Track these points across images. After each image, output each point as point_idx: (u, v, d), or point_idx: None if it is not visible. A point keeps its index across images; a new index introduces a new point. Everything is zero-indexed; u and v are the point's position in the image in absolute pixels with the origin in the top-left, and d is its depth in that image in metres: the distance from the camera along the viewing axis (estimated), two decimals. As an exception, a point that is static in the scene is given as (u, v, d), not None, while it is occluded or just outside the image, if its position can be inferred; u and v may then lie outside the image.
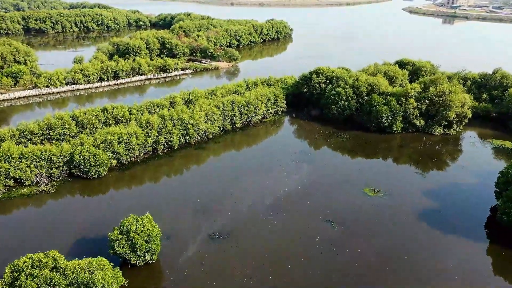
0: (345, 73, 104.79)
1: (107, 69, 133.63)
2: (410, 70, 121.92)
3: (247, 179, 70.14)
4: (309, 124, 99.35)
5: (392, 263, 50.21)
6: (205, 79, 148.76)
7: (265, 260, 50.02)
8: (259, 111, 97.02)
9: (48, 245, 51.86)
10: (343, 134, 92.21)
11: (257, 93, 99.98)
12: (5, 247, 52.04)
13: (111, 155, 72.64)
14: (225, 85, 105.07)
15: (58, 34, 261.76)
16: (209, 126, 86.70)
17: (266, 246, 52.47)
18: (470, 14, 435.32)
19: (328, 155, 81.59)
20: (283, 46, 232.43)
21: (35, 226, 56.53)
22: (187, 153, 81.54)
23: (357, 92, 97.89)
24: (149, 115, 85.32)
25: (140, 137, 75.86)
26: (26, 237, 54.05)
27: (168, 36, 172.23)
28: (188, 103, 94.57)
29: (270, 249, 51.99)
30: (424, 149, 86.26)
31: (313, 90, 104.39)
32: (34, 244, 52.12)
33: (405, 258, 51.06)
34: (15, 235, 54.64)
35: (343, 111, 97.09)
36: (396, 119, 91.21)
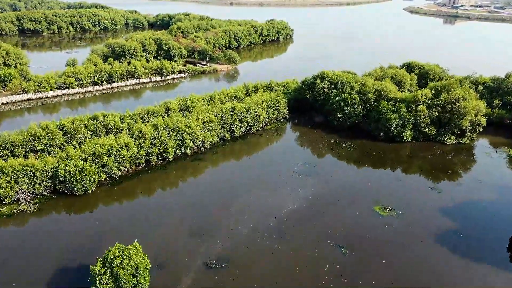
0: (351, 78, 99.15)
1: (101, 73, 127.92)
2: (418, 73, 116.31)
3: (247, 195, 64.46)
4: (313, 131, 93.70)
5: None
6: (204, 82, 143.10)
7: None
8: (260, 118, 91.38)
9: (26, 275, 46.25)
10: (350, 143, 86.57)
11: (258, 99, 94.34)
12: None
13: (100, 169, 66.94)
14: (223, 90, 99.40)
15: (54, 35, 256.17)
16: (206, 135, 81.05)
17: (269, 278, 46.80)
18: (472, 14, 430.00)
19: (334, 167, 75.91)
20: (283, 47, 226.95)
21: (13, 252, 50.83)
22: (183, 165, 75.87)
23: (364, 98, 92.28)
24: (142, 124, 79.71)
25: (131, 149, 70.18)
26: (2, 265, 48.36)
27: (165, 38, 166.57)
28: (185, 110, 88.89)
29: (273, 281, 46.32)
30: (436, 160, 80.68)
31: (317, 95, 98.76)
32: (11, 275, 46.48)
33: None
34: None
35: (349, 118, 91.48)
36: (406, 128, 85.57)
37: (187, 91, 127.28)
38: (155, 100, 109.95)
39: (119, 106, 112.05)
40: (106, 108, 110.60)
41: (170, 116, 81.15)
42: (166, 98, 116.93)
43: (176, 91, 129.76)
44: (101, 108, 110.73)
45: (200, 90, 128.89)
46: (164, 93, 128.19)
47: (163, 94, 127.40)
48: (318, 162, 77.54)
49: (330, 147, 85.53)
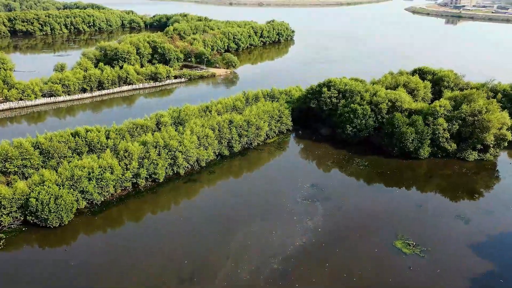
0: (361, 86, 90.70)
1: (90, 79, 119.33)
2: (431, 80, 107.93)
3: (248, 227, 56.02)
4: (319, 146, 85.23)
5: None
6: (201, 88, 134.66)
7: None
8: (261, 132, 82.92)
9: None
10: (361, 160, 78.11)
11: (259, 110, 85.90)
12: None
13: (79, 195, 58.47)
14: (221, 100, 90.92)
15: (47, 36, 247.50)
16: (202, 152, 72.56)
17: None
18: (475, 15, 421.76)
19: (345, 190, 67.41)
20: (284, 49, 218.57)
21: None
22: (175, 187, 67.41)
23: (376, 110, 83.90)
24: (130, 140, 71.31)
25: (116, 171, 61.70)
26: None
27: (160, 40, 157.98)
28: (178, 123, 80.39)
29: None
30: (458, 179, 72.35)
31: (323, 105, 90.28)
32: None
33: None
34: None
35: (359, 131, 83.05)
36: (423, 143, 77.13)
37: (182, 98, 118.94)
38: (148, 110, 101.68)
39: (109, 115, 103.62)
40: (95, 117, 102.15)
41: (162, 131, 72.53)
42: (160, 106, 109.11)
43: (171, 98, 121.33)
44: (89, 117, 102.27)
45: (196, 97, 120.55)
46: (158, 100, 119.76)
47: (157, 101, 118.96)
48: (327, 184, 69.03)
49: (339, 164, 77.09)
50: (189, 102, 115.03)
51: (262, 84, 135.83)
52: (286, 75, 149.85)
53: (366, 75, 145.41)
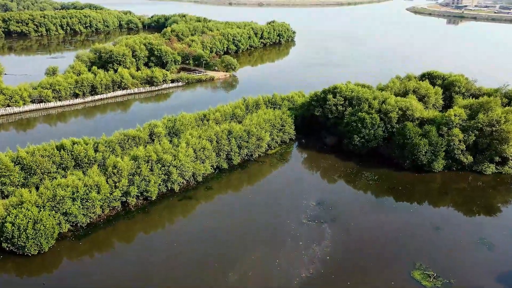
0: (368, 93, 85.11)
1: (83, 83, 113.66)
2: (441, 85, 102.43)
3: (248, 255, 50.40)
4: (325, 157, 79.60)
5: None
6: (198, 92, 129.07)
7: None
8: (263, 142, 77.30)
9: None
10: (370, 174, 72.47)
11: (260, 118, 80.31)
12: None
13: (61, 218, 52.87)
14: (219, 108, 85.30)
15: (42, 37, 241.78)
16: (198, 166, 66.95)
17: None
18: (478, 15, 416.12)
19: (355, 209, 61.78)
20: (285, 50, 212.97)
21: None
22: (169, 206, 61.81)
23: (385, 119, 78.32)
24: (121, 153, 65.77)
25: (103, 190, 56.10)
26: None
27: (157, 42, 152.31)
28: (173, 133, 74.80)
29: None
30: (475, 195, 66.83)
31: (328, 113, 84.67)
32: None
33: None
34: None
35: (368, 142, 77.45)
36: (437, 155, 71.52)
37: (179, 104, 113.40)
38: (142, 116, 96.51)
39: (101, 122, 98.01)
40: (86, 125, 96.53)
41: (155, 143, 66.79)
42: (155, 112, 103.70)
43: (167, 103, 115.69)
44: (80, 125, 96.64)
45: (194, 102, 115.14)
46: (154, 105, 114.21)
47: (153, 107, 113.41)
48: (335, 201, 63.40)
49: (347, 178, 71.48)
50: (186, 107, 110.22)
51: (263, 88, 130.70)
52: (287, 78, 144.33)
53: (370, 78, 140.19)
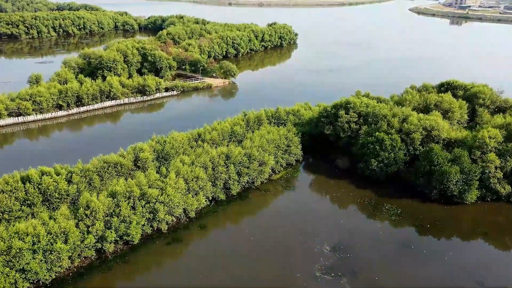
0: (386, 109, 74.78)
1: (67, 93, 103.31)
2: (462, 96, 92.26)
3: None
4: (337, 184, 69.22)
5: None
6: (195, 102, 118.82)
7: None
8: (266, 167, 66.96)
9: None
10: (391, 206, 62.12)
11: (263, 139, 69.96)
12: None
13: (17, 276, 42.59)
14: (216, 125, 74.90)
15: (33, 40, 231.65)
16: (190, 201, 56.64)
17: None
18: (483, 16, 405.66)
19: (378, 256, 51.40)
20: (287, 54, 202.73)
21: None
22: (154, 251, 51.50)
23: (407, 140, 68.00)
24: (99, 184, 55.46)
25: (72, 238, 45.80)
26: None
27: (151, 47, 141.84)
28: (162, 158, 64.49)
29: None
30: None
31: (340, 131, 74.32)
32: None
33: None
34: None
35: (387, 167, 67.11)
36: (470, 185, 61.19)
37: (173, 115, 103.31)
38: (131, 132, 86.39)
39: (84, 140, 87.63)
40: (67, 142, 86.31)
41: (137, 176, 56.25)
42: (145, 127, 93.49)
43: (159, 116, 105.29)
44: (59, 143, 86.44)
45: (189, 113, 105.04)
46: (145, 118, 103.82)
47: (143, 119, 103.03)
48: (353, 245, 53.07)
49: (365, 211, 61.17)
50: (180, 120, 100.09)
51: (264, 97, 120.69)
52: (290, 85, 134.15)
53: (380, 86, 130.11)
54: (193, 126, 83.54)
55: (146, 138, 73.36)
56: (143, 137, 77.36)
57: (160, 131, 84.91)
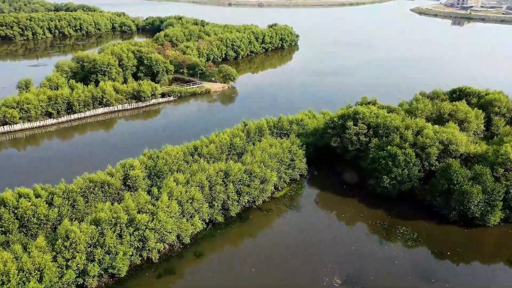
0: (397, 120, 69.12)
1: (57, 100, 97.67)
2: (476, 104, 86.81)
3: None
4: (346, 202, 63.55)
5: None
6: (192, 108, 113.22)
7: None
8: (268, 185, 61.35)
9: None
10: (406, 229, 56.47)
11: (265, 154, 64.32)
12: None
13: (-16, 322, 37.05)
14: (214, 138, 69.24)
15: (28, 42, 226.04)
16: (185, 226, 51.01)
17: None
18: (486, 16, 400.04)
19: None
20: (288, 56, 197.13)
21: None
22: (143, 285, 45.83)
23: (422, 154, 62.38)
24: (84, 207, 49.87)
25: (48, 275, 40.18)
26: None
27: (147, 50, 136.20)
28: (155, 175, 58.88)
29: None
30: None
31: (348, 144, 68.68)
32: None
33: None
34: None
35: (400, 184, 61.50)
36: (494, 206, 55.58)
37: (169, 124, 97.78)
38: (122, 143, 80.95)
39: (71, 152, 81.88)
40: (55, 154, 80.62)
41: (125, 200, 50.53)
42: (138, 136, 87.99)
43: (154, 124, 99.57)
44: (46, 156, 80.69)
45: (186, 121, 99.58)
46: (139, 126, 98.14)
47: (137, 127, 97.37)
48: (366, 277, 47.43)
49: (378, 235, 55.51)
50: (177, 128, 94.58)
51: (265, 102, 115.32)
52: (292, 90, 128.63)
53: (386, 91, 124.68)
54: (190, 136, 78.35)
55: (138, 150, 68.11)
56: (135, 150, 72.13)
57: (154, 142, 79.71)
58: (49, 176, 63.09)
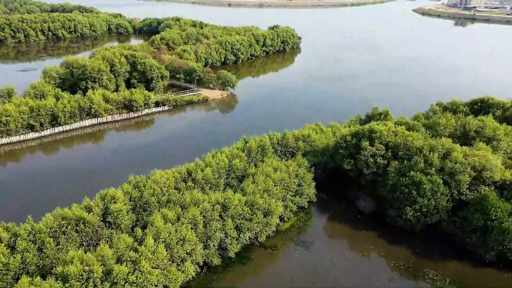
0: (419, 139, 60.60)
1: (39, 111, 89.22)
2: (500, 117, 78.64)
3: None
4: (363, 236, 55.02)
5: None
6: (188, 118, 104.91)
7: None
8: (272, 218, 52.84)
9: None
10: (436, 272, 48.01)
11: (268, 181, 55.77)
12: None
13: None
14: (210, 160, 60.71)
15: (20, 44, 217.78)
16: (174, 274, 42.49)
17: None
18: (491, 17, 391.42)
19: None
20: (290, 59, 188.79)
21: None
22: None
23: (451, 182, 53.92)
24: (53, 251, 41.40)
25: None
26: None
27: (141, 54, 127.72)
28: (141, 207, 50.42)
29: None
30: None
31: (363, 167, 60.19)
32: None
33: None
34: None
35: (425, 216, 53.06)
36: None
37: (161, 137, 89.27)
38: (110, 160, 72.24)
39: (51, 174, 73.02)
40: (27, 180, 72.03)
41: (100, 249, 41.88)
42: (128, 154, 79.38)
43: (145, 139, 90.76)
44: (19, 180, 72.05)
45: (181, 134, 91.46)
46: (134, 135, 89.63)
47: (132, 137, 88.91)
48: None
49: (404, 282, 47.00)
50: (170, 144, 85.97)
51: (266, 111, 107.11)
52: (295, 98, 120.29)
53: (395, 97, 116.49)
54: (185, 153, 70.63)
55: (124, 172, 59.82)
56: (120, 172, 64.02)
57: (143, 161, 71.70)
58: (15, 211, 54.74)
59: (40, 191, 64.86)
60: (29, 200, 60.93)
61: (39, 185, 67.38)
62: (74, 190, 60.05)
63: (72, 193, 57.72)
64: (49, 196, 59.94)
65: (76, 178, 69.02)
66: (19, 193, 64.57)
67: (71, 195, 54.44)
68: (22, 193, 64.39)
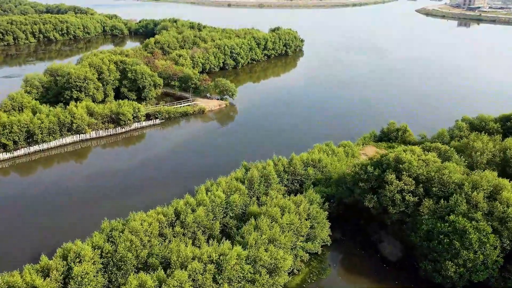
0: (458, 172, 50.03)
1: (12, 128, 78.69)
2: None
3: None
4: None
5: None
6: (182, 134, 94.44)
7: None
8: (280, 276, 42.24)
9: None
10: None
11: (275, 229, 45.10)
12: None
13: None
14: (203, 196, 50.14)
15: (9, 47, 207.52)
16: None
17: None
18: (497, 17, 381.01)
19: None
20: (292, 63, 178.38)
21: None
22: None
23: (501, 229, 43.38)
24: None
25: None
26: None
27: (133, 60, 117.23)
28: (114, 265, 39.85)
29: None
30: None
31: (389, 205, 49.62)
32: None
33: None
34: None
35: (471, 272, 42.52)
36: None
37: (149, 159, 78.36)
38: (86, 189, 61.11)
39: (14, 212, 62.13)
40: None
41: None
42: (106, 184, 68.19)
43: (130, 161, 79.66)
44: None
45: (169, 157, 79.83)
46: (110, 163, 78.27)
47: (107, 167, 77.02)
48: None
49: None
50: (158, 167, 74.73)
51: (269, 124, 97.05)
52: (299, 108, 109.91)
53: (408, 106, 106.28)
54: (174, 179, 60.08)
55: (100, 206, 49.19)
56: (94, 211, 53.29)
57: (124, 190, 61.05)
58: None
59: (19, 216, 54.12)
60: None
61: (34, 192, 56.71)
62: (31, 242, 48.93)
63: (27, 247, 46.73)
64: (3, 247, 48.92)
65: (36, 220, 56.15)
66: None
67: (25, 251, 43.71)
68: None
